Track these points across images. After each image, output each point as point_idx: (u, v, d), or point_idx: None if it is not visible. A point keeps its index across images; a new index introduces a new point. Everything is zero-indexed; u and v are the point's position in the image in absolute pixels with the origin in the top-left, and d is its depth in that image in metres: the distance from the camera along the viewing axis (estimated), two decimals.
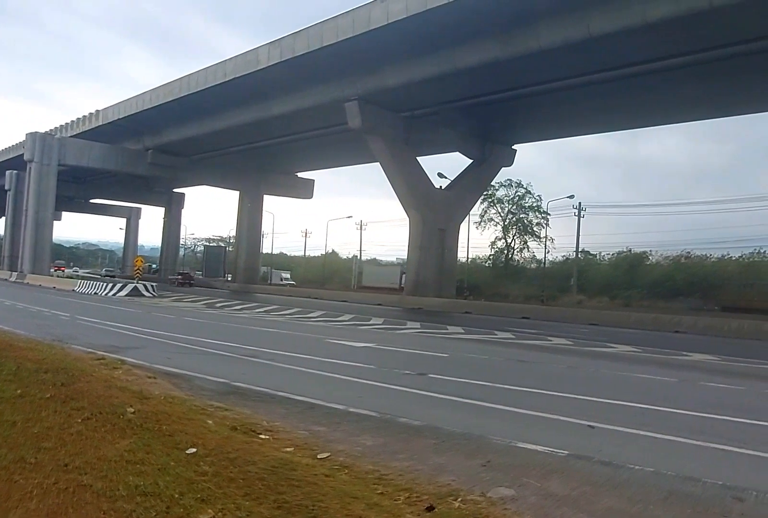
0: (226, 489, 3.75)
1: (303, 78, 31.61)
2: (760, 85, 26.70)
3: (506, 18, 23.49)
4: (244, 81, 33.09)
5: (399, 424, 6.20)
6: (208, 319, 19.52)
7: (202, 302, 28.69)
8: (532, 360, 12.61)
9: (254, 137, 42.27)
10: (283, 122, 36.85)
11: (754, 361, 14.13)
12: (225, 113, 37.95)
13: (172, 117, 40.98)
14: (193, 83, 36.58)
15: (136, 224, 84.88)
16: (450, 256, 37.58)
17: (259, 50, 32.05)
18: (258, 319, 20.48)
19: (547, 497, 4.24)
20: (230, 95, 35.26)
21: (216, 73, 34.76)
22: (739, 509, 4.14)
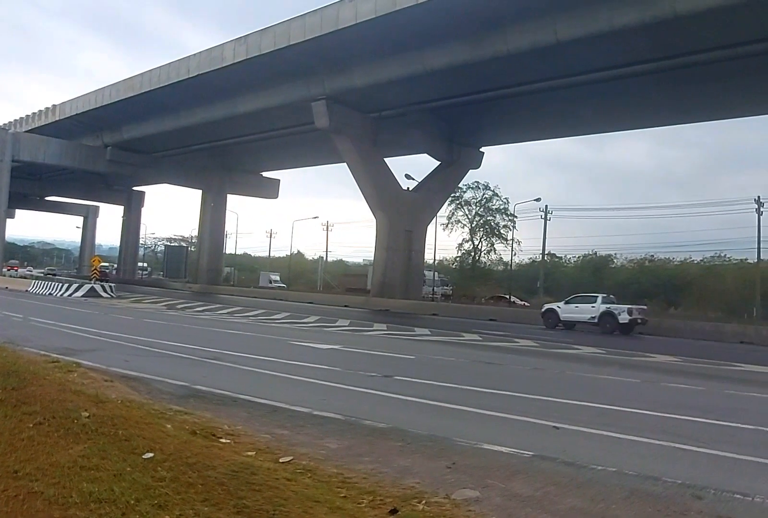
0: (185, 495, 3.67)
1: (270, 76, 31.39)
2: (721, 93, 27.53)
3: (475, 21, 23.73)
4: (209, 78, 32.69)
5: (364, 427, 6.19)
6: (168, 321, 19.19)
7: (163, 303, 28.20)
8: (498, 362, 12.73)
9: (219, 135, 41.78)
10: (248, 120, 36.50)
11: (714, 362, 14.54)
12: (188, 110, 37.41)
13: (133, 113, 40.21)
14: (155, 79, 35.97)
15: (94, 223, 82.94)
16: (417, 257, 37.73)
17: (224, 47, 31.71)
18: (221, 321, 20.22)
19: (511, 498, 4.28)
20: (194, 92, 34.78)
21: (179, 69, 34.25)
22: (697, 507, 4.24)
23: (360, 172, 34.47)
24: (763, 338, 22.17)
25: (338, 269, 72.82)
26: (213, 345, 12.55)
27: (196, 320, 20.31)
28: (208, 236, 53.88)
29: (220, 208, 54.29)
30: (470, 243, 57.14)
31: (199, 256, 55.85)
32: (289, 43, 28.22)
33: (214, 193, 53.03)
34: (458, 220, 56.34)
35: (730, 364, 14.29)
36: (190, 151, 47.10)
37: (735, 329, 23.57)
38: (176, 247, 76.25)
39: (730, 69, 24.40)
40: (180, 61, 34.48)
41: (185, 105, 37.05)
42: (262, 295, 43.04)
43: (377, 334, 18.22)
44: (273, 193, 57.08)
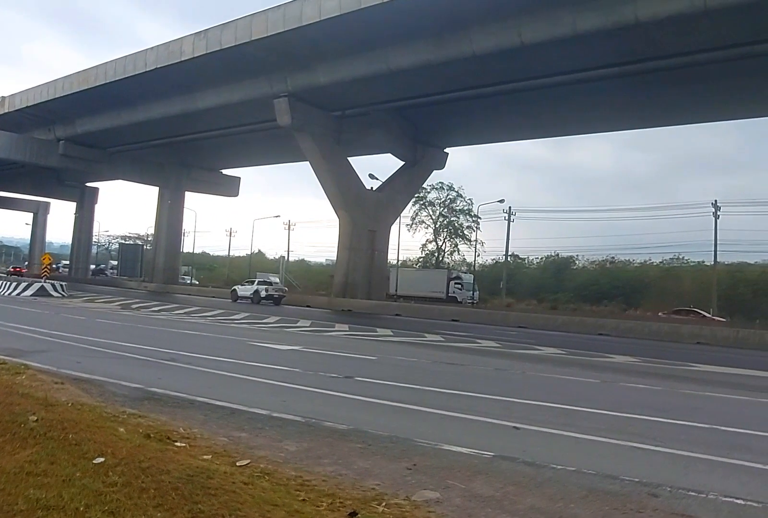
0: (137, 500, 3.60)
1: (231, 71, 31.02)
2: (681, 98, 28.34)
3: (440, 22, 23.89)
4: (167, 72, 32.12)
5: (324, 429, 6.16)
6: (122, 321, 18.77)
7: (117, 303, 27.58)
8: (460, 363, 12.83)
9: (177, 131, 41.09)
10: (208, 116, 35.99)
11: (671, 362, 14.95)
12: (146, 105, 36.69)
13: (88, 106, 39.23)
14: (110, 72, 35.16)
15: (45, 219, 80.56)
16: (380, 257, 37.80)
17: (183, 40, 31.20)
18: (177, 321, 19.88)
19: (471, 498, 4.32)
20: (152, 86, 34.13)
21: (136, 62, 33.55)
22: (653, 504, 4.35)
23: (323, 170, 34.35)
24: (718, 339, 22.90)
25: (300, 269, 72.41)
26: (169, 346, 12.33)
27: (151, 320, 19.92)
28: (164, 234, 52.93)
29: (178, 205, 53.43)
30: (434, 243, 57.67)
31: (155, 254, 54.85)
32: (250, 38, 27.93)
33: (171, 190, 52.14)
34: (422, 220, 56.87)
35: (686, 364, 14.72)
36: (147, 147, 46.21)
37: (691, 330, 24.28)
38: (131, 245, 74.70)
39: (689, 75, 25.19)
40: (137, 54, 33.78)
41: (142, 99, 36.32)
42: (221, 295, 42.46)
43: (339, 335, 18.17)
44: (233, 191, 56.44)
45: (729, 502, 4.49)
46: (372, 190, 37.38)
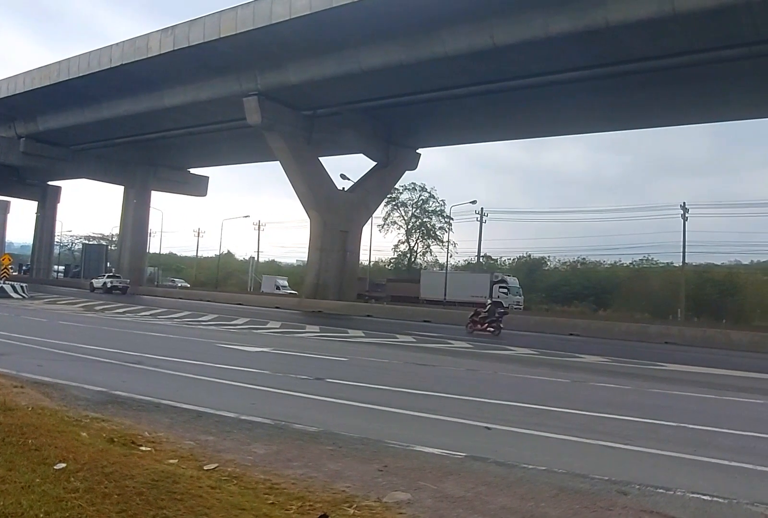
0: (100, 506, 3.52)
1: (199, 69, 30.67)
2: (650, 101, 28.89)
3: (412, 22, 23.96)
4: (133, 68, 31.61)
5: (294, 431, 6.11)
6: (86, 323, 18.41)
7: (80, 304, 27.05)
8: (432, 364, 12.87)
9: (143, 129, 40.49)
10: (176, 114, 35.54)
11: (640, 362, 15.21)
12: (111, 102, 36.05)
13: (50, 103, 38.40)
14: (74, 68, 34.45)
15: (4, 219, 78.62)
16: (352, 258, 37.75)
17: (150, 37, 30.73)
18: (143, 323, 19.56)
19: (443, 499, 4.32)
20: (117, 83, 33.56)
21: (101, 58, 32.95)
22: (623, 502, 4.42)
23: (293, 170, 34.18)
24: (686, 338, 23.37)
25: (270, 270, 71.93)
26: (134, 349, 12.12)
27: (116, 322, 19.58)
28: (130, 234, 52.12)
29: (144, 204, 52.66)
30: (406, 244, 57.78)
31: (120, 255, 53.97)
32: (219, 35, 27.64)
33: (137, 190, 51.37)
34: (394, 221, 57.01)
35: (655, 364, 14.99)
36: (112, 145, 45.45)
37: (660, 330, 24.75)
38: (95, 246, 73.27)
39: (659, 79, 25.73)
40: (102, 49, 33.18)
41: (107, 96, 35.68)
42: (189, 296, 41.98)
43: (309, 336, 18.09)
44: (201, 191, 55.84)
45: (696, 498, 4.58)
46: (344, 190, 37.32)
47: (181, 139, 42.09)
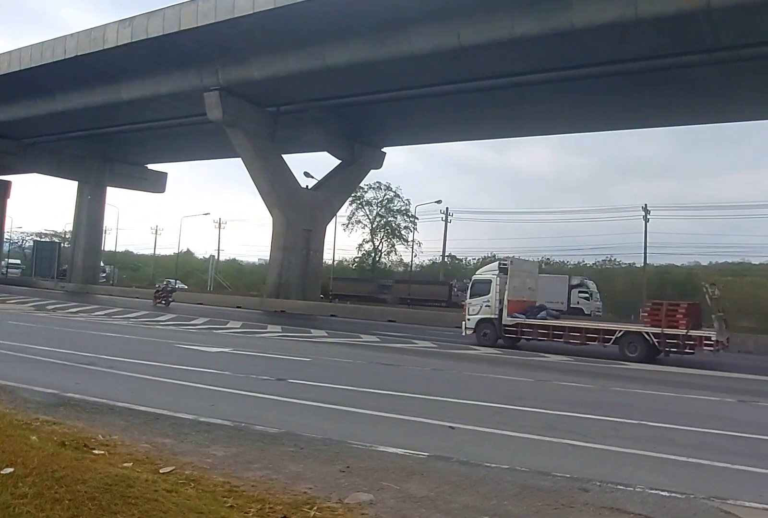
0: (49, 512, 3.43)
1: (158, 62, 30.08)
2: (614, 104, 29.41)
3: (378, 20, 23.94)
4: (89, 60, 30.82)
5: (254, 433, 6.06)
6: (37, 323, 17.92)
7: (31, 304, 26.33)
8: (396, 364, 12.90)
9: (99, 122, 39.53)
10: (133, 108, 34.78)
11: (602, 361, 15.53)
12: (65, 94, 35.09)
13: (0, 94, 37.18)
14: (26, 58, 33.42)
15: None
16: (315, 257, 37.56)
17: (107, 28, 30.01)
18: (98, 323, 19.14)
19: (405, 499, 4.33)
20: (72, 74, 32.66)
21: (55, 48, 32.04)
22: (584, 499, 4.50)
23: (256, 168, 33.83)
24: None
25: (231, 269, 71.08)
26: (88, 350, 11.85)
27: (69, 322, 19.11)
28: (84, 231, 50.87)
29: (99, 201, 51.45)
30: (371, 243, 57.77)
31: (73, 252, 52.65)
32: (179, 28, 27.13)
33: (92, 185, 50.15)
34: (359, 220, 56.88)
35: (617, 363, 15.33)
36: (66, 139, 44.31)
37: None
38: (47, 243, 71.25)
39: (623, 82, 26.26)
40: (56, 40, 32.27)
41: (61, 88, 34.73)
42: (146, 296, 41.16)
43: (271, 336, 17.95)
44: (159, 187, 54.80)
45: (655, 494, 4.69)
46: (307, 188, 37.11)
47: (139, 133, 41.22)
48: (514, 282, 18.86)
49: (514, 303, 18.51)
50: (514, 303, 18.55)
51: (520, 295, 19.08)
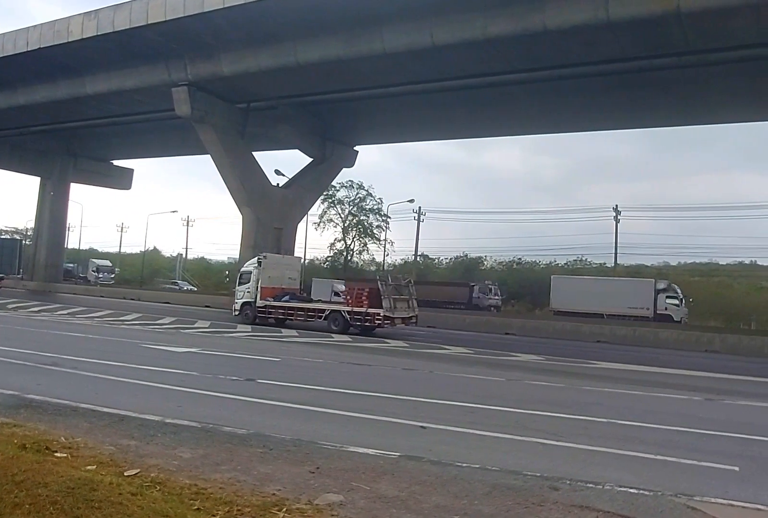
0: (9, 517, 3.35)
1: (125, 56, 29.56)
2: (585, 105, 29.76)
3: (351, 17, 23.88)
4: (52, 53, 30.15)
5: (222, 434, 6.00)
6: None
7: None
8: (367, 363, 12.90)
9: (63, 117, 38.74)
10: (99, 103, 34.13)
11: (573, 360, 15.74)
12: (27, 87, 34.29)
13: None
14: None
15: None
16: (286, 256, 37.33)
17: (71, 20, 29.39)
18: (61, 323, 18.75)
19: (376, 499, 4.34)
20: (34, 67, 31.94)
21: (17, 40, 31.28)
22: (554, 497, 4.55)
23: (225, 165, 33.48)
24: (617, 337, 24.34)
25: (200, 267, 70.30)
26: (50, 350, 11.61)
27: (31, 321, 18.70)
28: (46, 228, 49.86)
29: (62, 197, 50.46)
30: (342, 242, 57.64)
31: (35, 250, 51.58)
32: (147, 22, 26.68)
33: (55, 181, 49.16)
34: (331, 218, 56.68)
35: (587, 362, 15.54)
36: (29, 133, 43.28)
37: (592, 329, 25.67)
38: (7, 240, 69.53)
39: (594, 84, 26.62)
40: (18, 31, 31.51)
41: (23, 81, 33.93)
42: (112, 294, 40.54)
43: (240, 336, 17.80)
44: (125, 184, 53.96)
45: (624, 492, 4.77)
46: (278, 186, 36.87)
47: (104, 128, 40.48)
48: (269, 273, 23.02)
49: (267, 290, 22.58)
50: (267, 289, 22.62)
51: (277, 284, 23.21)
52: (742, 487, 5.19)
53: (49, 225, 49.84)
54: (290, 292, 23.09)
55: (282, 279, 23.56)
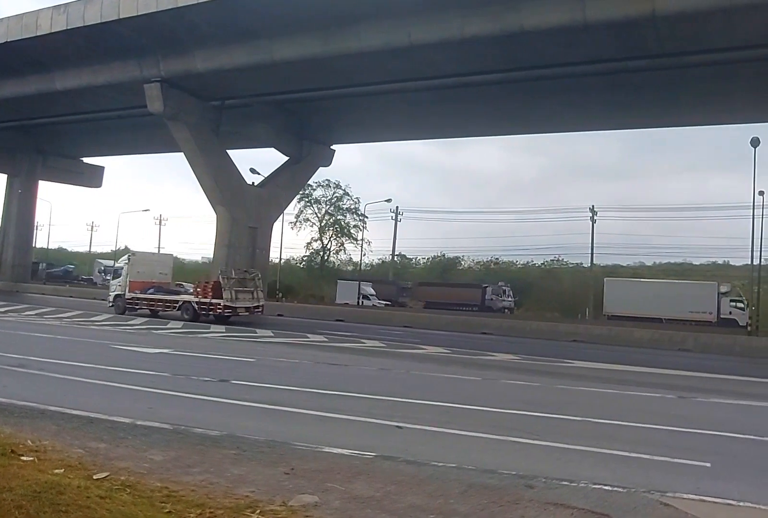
0: None
1: (96, 51, 29.11)
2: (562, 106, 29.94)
3: (328, 15, 23.80)
4: (20, 47, 29.58)
5: (195, 436, 5.94)
6: None
7: None
8: (343, 363, 12.87)
9: (32, 113, 38.01)
10: (69, 99, 33.57)
11: (549, 359, 15.88)
12: None
13: None
14: None
15: None
16: (262, 256, 37.11)
17: (40, 13, 28.86)
18: (28, 323, 18.42)
19: (351, 500, 4.32)
20: (1, 62, 31.28)
21: None
22: (529, 495, 4.58)
23: (199, 163, 33.15)
24: (593, 336, 24.61)
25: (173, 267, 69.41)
26: (17, 351, 11.40)
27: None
28: (14, 227, 48.90)
29: (30, 195, 49.54)
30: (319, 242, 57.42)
31: (2, 249, 50.53)
32: (118, 16, 26.31)
33: (22, 179, 48.22)
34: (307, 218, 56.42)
35: (563, 361, 15.68)
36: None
37: (568, 328, 25.94)
38: None
39: (571, 85, 26.84)
40: None
41: None
42: (82, 295, 39.90)
43: (214, 336, 17.64)
44: (96, 182, 53.17)
45: (598, 489, 4.82)
46: (253, 185, 36.64)
47: (74, 125, 39.81)
48: (137, 269, 25.28)
49: (135, 284, 24.74)
50: (136, 283, 24.77)
51: (147, 278, 25.39)
52: (713, 483, 5.28)
53: (16, 224, 48.89)
54: (156, 286, 25.16)
55: (152, 274, 25.80)
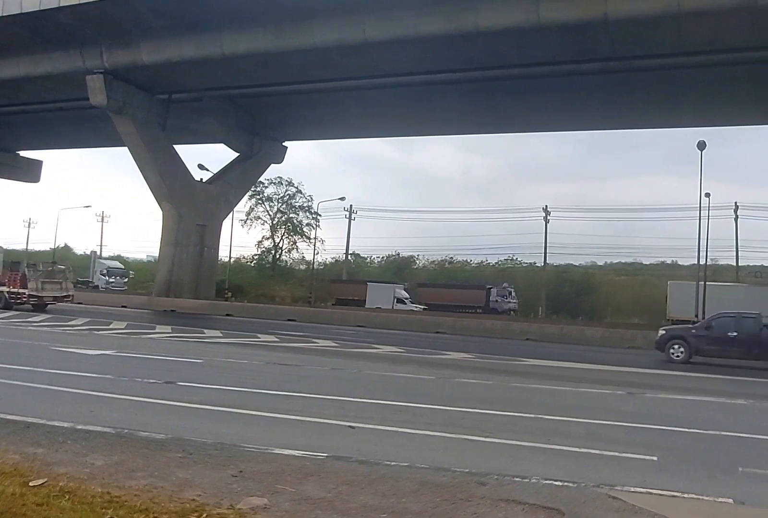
0: None
1: (34, 40, 28.19)
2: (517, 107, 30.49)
3: (281, 10, 23.64)
4: None
5: (139, 439, 5.80)
6: None
7: None
8: (294, 364, 12.77)
9: None
10: (5, 90, 32.50)
11: (502, 358, 16.12)
12: None
13: None
14: None
15: None
16: (210, 254, 36.60)
17: None
18: None
19: (301, 502, 4.29)
20: None
21: None
22: (481, 492, 4.63)
23: (144, 158, 32.48)
24: (545, 335, 25.09)
25: None
26: None
27: None
28: None
29: None
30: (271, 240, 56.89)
31: None
32: (59, 4, 25.48)
33: None
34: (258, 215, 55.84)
35: (516, 359, 15.94)
36: None
37: (522, 327, 26.40)
38: None
39: (525, 86, 27.43)
40: None
41: None
42: None
43: (160, 337, 17.29)
44: (34, 176, 51.43)
45: (549, 484, 4.91)
46: (202, 181, 36.08)
47: (11, 117, 38.53)
48: None
49: None
50: None
51: None
52: (659, 476, 5.44)
53: None
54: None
55: None
